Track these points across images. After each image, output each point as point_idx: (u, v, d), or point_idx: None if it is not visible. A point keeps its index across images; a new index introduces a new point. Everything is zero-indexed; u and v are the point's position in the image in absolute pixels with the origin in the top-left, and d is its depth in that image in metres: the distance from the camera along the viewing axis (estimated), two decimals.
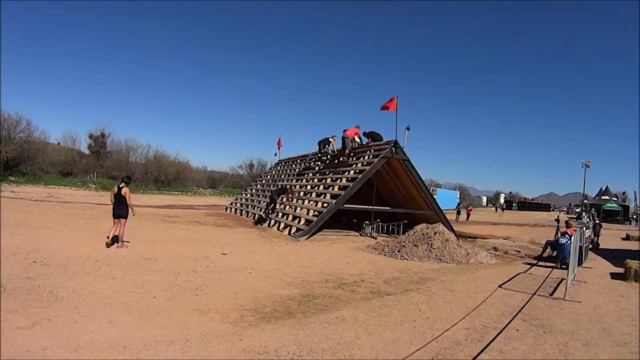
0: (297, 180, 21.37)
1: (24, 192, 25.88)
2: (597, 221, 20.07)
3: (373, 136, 18.11)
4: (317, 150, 20.96)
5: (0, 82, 70.09)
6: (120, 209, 9.78)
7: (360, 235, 16.36)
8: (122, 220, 9.82)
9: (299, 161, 24.49)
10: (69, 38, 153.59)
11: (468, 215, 35.25)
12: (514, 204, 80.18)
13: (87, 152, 45.73)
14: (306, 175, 21.06)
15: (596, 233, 16.73)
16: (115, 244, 9.68)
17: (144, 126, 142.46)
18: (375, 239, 15.31)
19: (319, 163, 20.64)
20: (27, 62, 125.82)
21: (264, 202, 21.63)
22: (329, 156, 20.22)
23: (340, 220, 18.37)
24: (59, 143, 45.56)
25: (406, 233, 13.26)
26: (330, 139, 20.18)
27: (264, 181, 27.48)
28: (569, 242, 10.21)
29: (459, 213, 35.68)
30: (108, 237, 9.72)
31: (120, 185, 9.88)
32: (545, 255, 12.97)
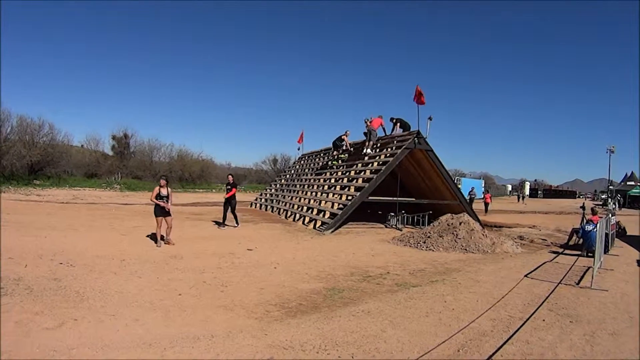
0: (319, 174, 21.30)
1: (49, 195, 26.42)
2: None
3: (403, 125, 17.86)
4: (333, 149, 20.81)
5: (0, 82, 71.53)
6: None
7: (386, 227, 16.19)
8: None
9: (322, 155, 24.40)
10: (90, 40, 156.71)
11: (486, 205, 27.01)
12: (539, 192, 78.22)
13: (110, 153, 46.52)
14: (329, 169, 20.96)
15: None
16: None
17: (166, 125, 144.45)
18: (401, 230, 15.13)
19: (335, 162, 20.46)
20: (48, 65, 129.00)
21: (289, 196, 21.61)
22: (348, 152, 20.07)
23: (365, 212, 18.19)
24: (82, 145, 46.49)
25: (431, 224, 13.05)
26: (343, 137, 20.01)
27: (287, 176, 27.52)
28: (594, 229, 9.86)
29: (472, 201, 24.11)
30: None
31: None
32: (571, 243, 12.61)
